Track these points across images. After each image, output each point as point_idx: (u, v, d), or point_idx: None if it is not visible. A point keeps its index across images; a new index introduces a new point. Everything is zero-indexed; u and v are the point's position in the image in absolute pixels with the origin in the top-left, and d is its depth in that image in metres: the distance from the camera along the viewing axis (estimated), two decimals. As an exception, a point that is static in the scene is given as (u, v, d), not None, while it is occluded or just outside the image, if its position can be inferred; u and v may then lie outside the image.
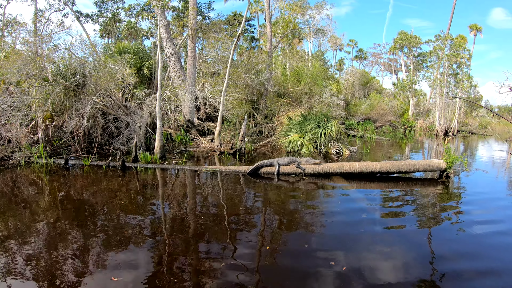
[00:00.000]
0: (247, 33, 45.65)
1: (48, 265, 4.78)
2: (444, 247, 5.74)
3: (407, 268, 4.98)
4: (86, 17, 38.76)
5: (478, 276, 4.82)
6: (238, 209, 7.54)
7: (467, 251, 5.67)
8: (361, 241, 5.86)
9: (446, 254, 5.45)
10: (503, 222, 7.26)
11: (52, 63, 14.95)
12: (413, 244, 5.85)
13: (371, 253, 5.37)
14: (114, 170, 11.37)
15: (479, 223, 7.05)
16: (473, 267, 5.10)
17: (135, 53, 24.90)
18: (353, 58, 71.41)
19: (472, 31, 49.24)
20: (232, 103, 20.11)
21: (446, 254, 5.46)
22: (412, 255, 5.41)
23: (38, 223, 6.30)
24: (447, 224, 6.90)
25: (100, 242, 5.55)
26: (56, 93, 13.69)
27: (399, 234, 6.28)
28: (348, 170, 11.04)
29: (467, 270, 4.97)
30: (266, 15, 24.48)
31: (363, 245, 5.69)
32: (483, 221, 7.29)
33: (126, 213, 6.98)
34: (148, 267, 4.80)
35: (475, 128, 39.13)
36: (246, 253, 5.31)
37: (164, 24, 18.56)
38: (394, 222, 6.87)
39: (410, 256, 5.35)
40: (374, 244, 5.76)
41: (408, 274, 4.80)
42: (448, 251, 5.55)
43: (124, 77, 16.01)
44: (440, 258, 5.31)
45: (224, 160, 14.28)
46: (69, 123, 13.47)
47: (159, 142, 13.47)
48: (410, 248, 5.66)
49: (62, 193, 8.56)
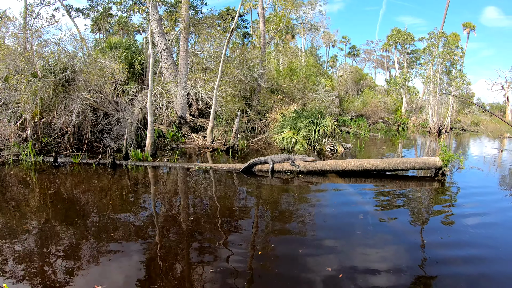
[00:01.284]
0: (240, 29, 45.40)
1: (31, 267, 4.59)
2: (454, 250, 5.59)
3: (405, 272, 4.81)
4: (77, 11, 38.15)
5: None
6: (231, 209, 7.33)
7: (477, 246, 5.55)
8: (359, 244, 5.67)
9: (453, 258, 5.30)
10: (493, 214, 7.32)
11: (42, 58, 14.59)
12: (413, 245, 5.69)
13: (369, 259, 5.19)
14: (104, 168, 11.10)
15: (473, 215, 7.16)
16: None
17: (127, 48, 24.51)
18: (346, 55, 71.49)
19: (466, 29, 49.41)
20: (225, 99, 19.86)
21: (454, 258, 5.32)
22: (413, 257, 5.24)
23: (23, 225, 6.05)
24: (449, 222, 6.77)
25: (87, 245, 5.34)
26: (45, 89, 13.34)
27: (397, 235, 6.13)
28: (344, 168, 10.88)
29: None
30: (260, 10, 24.23)
31: (360, 249, 5.50)
32: (477, 213, 7.47)
33: (115, 214, 6.75)
34: (137, 273, 4.60)
35: (467, 126, 39.24)
36: (239, 257, 5.09)
37: (156, 18, 18.24)
38: (393, 224, 6.70)
39: (410, 260, 5.19)
40: (372, 248, 5.58)
41: (407, 279, 4.63)
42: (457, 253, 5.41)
43: (114, 72, 15.68)
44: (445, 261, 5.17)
45: (216, 157, 14.05)
46: (58, 120, 13.16)
47: (150, 139, 13.20)
48: (410, 251, 5.49)
49: (50, 193, 8.29)
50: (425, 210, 7.71)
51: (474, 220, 7.05)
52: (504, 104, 61.82)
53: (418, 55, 53.64)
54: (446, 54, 33.83)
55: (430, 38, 38.55)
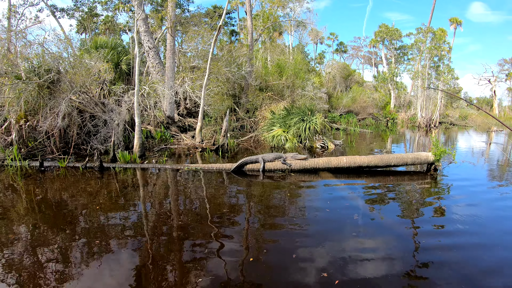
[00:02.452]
0: (227, 26, 45.16)
1: (20, 275, 4.43)
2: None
3: (404, 277, 4.70)
4: (62, 11, 37.59)
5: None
6: (221, 211, 7.15)
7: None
8: (355, 247, 5.52)
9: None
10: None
11: (26, 59, 14.21)
12: (412, 250, 5.59)
13: (366, 262, 5.06)
14: (91, 171, 10.84)
15: (464, 206, 7.12)
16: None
17: (113, 48, 24.20)
18: (333, 51, 71.78)
19: (453, 24, 49.85)
20: (213, 98, 19.66)
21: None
22: (411, 260, 5.13)
23: (8, 234, 5.82)
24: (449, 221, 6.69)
25: (76, 252, 5.14)
26: (30, 91, 12.98)
27: (396, 235, 6.01)
28: (336, 165, 10.79)
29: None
30: (247, 8, 24.07)
31: (356, 251, 5.35)
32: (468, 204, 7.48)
33: (103, 219, 6.54)
34: (127, 279, 4.42)
35: (455, 120, 39.63)
36: (231, 265, 4.90)
37: (142, 17, 17.93)
38: (391, 225, 6.57)
39: (409, 265, 5.07)
40: (364, 239, 5.47)
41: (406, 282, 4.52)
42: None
43: (100, 72, 15.36)
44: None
45: (206, 157, 13.86)
46: (43, 123, 12.83)
47: (138, 140, 12.96)
48: (411, 256, 5.36)
49: (36, 200, 8.03)
50: (418, 203, 7.73)
51: (465, 210, 7.33)
52: (491, 98, 62.59)
53: (406, 50, 53.95)
54: (433, 49, 34.04)
55: (418, 34, 38.69)
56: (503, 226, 6.60)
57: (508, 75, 60.96)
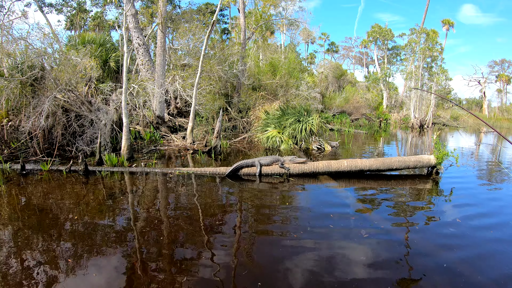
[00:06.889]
0: (219, 24, 44.58)
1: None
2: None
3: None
4: (50, 6, 36.69)
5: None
6: (214, 219, 6.55)
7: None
8: (357, 258, 5.01)
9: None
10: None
11: (8, 55, 13.41)
12: (416, 258, 5.06)
13: (372, 274, 4.53)
14: (76, 175, 10.13)
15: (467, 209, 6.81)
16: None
17: (101, 44, 23.37)
18: (325, 51, 71.67)
19: (445, 25, 49.99)
20: (205, 97, 19.02)
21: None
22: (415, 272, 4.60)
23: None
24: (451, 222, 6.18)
25: (61, 261, 4.50)
26: (12, 89, 12.25)
27: (399, 241, 5.49)
28: (336, 169, 10.27)
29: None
30: (240, 5, 23.47)
31: (359, 262, 4.85)
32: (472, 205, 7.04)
33: (88, 228, 5.89)
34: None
35: (447, 120, 39.64)
36: (222, 274, 4.44)
37: (132, 12, 17.24)
38: (395, 233, 6.06)
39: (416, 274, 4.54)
40: (371, 262, 4.93)
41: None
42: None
43: (86, 69, 14.62)
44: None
45: (198, 159, 13.23)
46: (26, 123, 12.10)
47: (126, 141, 12.28)
48: (416, 266, 4.84)
49: (16, 208, 7.34)
50: (425, 210, 7.18)
51: (469, 213, 7.30)
52: (481, 99, 62.97)
53: (398, 51, 53.96)
54: (427, 50, 33.93)
55: (411, 34, 38.61)
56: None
57: (498, 76, 61.40)
